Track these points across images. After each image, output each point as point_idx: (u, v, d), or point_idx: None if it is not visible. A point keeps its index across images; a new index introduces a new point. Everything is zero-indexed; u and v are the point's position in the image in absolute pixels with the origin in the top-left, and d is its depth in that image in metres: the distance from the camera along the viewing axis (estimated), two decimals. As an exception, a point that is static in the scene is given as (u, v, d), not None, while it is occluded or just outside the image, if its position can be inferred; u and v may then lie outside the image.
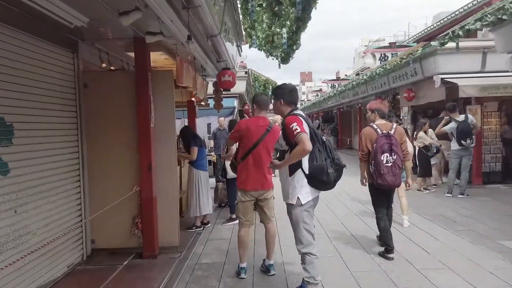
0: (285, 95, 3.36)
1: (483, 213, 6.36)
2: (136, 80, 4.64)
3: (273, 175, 7.28)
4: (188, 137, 6.14)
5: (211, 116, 12.06)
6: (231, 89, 12.54)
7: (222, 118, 10.36)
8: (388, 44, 15.96)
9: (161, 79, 4.86)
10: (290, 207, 3.18)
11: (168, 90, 4.89)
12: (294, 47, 6.51)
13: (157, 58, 5.84)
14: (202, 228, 6.01)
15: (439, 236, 5.09)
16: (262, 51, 7.86)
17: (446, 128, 8.04)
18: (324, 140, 3.13)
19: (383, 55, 15.34)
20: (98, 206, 4.39)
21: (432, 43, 7.50)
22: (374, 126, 4.47)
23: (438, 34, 10.49)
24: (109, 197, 4.53)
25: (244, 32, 7.26)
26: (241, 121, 4.21)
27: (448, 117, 8.28)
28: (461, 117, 7.91)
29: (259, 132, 3.95)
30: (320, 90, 33.25)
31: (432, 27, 16.96)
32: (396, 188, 4.56)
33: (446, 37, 6.52)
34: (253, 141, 3.93)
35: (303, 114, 3.22)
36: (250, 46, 7.80)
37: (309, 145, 2.91)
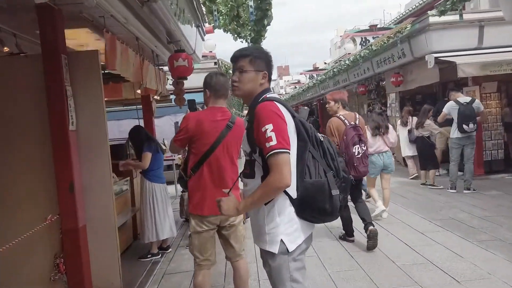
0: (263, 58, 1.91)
1: (501, 212, 5.31)
2: (45, 68, 3.30)
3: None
4: (141, 139, 4.85)
5: (179, 114, 10.71)
6: (195, 80, 11.11)
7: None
8: (369, 28, 14.92)
9: (83, 64, 3.52)
10: (266, 256, 1.83)
11: (93, 78, 3.56)
12: (265, 22, 5.27)
13: (88, 41, 4.51)
14: (160, 255, 4.72)
15: (462, 252, 3.96)
16: (228, 32, 6.60)
17: (444, 109, 7.00)
18: (321, 139, 1.84)
19: (364, 39, 14.27)
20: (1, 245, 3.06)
21: (430, 12, 6.38)
22: (342, 117, 4.39)
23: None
24: (17, 232, 3.19)
25: (204, 9, 5.97)
26: (189, 115, 2.95)
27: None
28: (466, 99, 6.87)
29: (216, 129, 2.72)
30: (298, 82, 32.14)
31: (404, 13, 16.24)
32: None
33: (448, 3, 5.39)
34: (208, 144, 2.69)
35: (282, 101, 1.93)
36: (214, 27, 6.53)
37: (288, 179, 1.65)
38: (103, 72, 3.71)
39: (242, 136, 1.98)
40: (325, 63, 26.05)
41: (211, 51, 11.49)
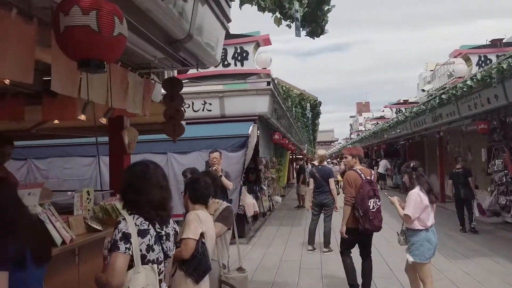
0: None
1: None
2: None
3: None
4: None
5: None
6: (236, 105, 8.37)
7: (216, 153, 6.02)
8: (489, 43, 10.88)
9: None
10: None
11: None
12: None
13: None
14: None
15: None
16: (266, 10, 3.51)
17: None
18: None
19: (482, 58, 10.28)
20: None
21: None
22: (358, 171, 4.54)
23: None
24: None
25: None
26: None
27: None
28: None
29: None
30: (381, 118, 27.98)
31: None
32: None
33: None
34: None
35: None
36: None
37: None
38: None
39: None
40: (423, 90, 21.53)
41: (264, 68, 8.56)
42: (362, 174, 4.46)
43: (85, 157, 8.00)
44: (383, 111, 37.49)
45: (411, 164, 4.21)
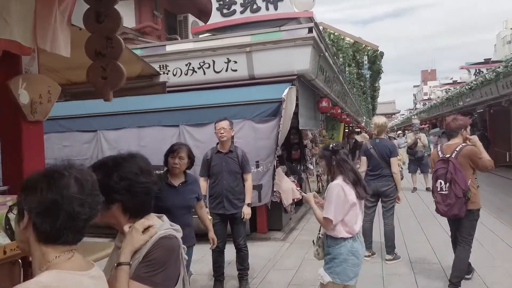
0: None
1: None
2: None
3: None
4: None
5: (239, 120, 5.84)
6: (271, 60, 7.37)
7: (224, 123, 4.18)
8: None
9: None
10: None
11: None
12: None
13: None
14: None
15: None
16: None
17: None
18: None
19: None
20: None
21: None
22: (439, 148, 4.17)
23: None
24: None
25: None
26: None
27: None
28: None
29: None
30: (454, 83, 24.19)
31: None
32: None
33: None
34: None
35: None
36: None
37: None
38: None
39: None
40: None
41: (306, 10, 6.45)
42: (439, 151, 4.11)
43: (86, 132, 6.69)
44: (451, 78, 33.05)
45: (330, 146, 3.10)
